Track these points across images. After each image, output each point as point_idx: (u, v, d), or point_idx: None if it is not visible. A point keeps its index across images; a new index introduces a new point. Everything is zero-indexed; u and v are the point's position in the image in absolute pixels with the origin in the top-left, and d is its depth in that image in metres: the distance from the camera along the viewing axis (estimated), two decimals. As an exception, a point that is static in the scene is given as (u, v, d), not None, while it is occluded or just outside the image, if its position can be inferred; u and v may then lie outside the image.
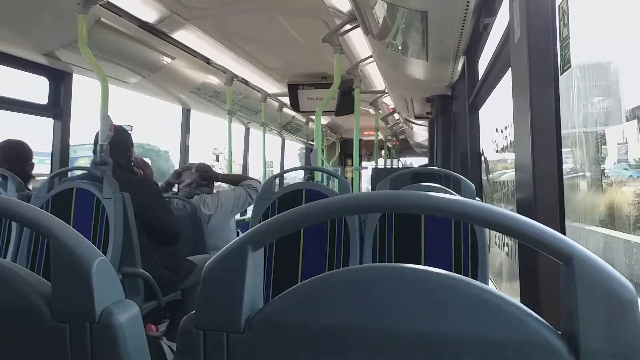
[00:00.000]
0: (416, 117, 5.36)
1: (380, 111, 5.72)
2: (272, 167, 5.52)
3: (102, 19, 2.55)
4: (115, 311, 0.54)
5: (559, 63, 1.08)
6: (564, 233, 1.07)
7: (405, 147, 9.48)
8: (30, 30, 2.42)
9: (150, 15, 2.77)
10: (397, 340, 0.46)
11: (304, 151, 7.02)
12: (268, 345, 0.49)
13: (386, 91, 4.66)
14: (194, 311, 0.52)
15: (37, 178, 2.63)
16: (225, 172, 4.11)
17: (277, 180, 2.76)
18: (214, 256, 0.52)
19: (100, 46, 2.61)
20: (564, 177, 1.08)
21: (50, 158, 2.98)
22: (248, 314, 0.50)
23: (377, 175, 4.55)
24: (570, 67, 1.03)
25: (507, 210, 0.47)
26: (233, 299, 0.50)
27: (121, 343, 0.53)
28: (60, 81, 2.92)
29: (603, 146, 1.27)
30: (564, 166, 1.09)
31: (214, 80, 3.97)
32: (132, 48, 2.90)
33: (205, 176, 3.17)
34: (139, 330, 0.56)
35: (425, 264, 0.49)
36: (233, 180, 3.37)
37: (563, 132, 1.09)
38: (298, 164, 7.08)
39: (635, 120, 1.12)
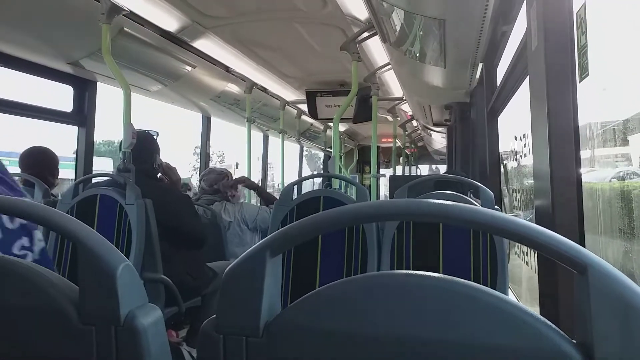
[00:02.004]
0: (434, 124, 5.34)
1: (399, 118, 5.71)
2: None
3: (125, 29, 2.61)
4: (139, 315, 0.55)
5: (577, 71, 1.08)
6: (583, 241, 1.06)
7: (424, 154, 9.43)
8: (56, 40, 2.50)
9: (171, 24, 2.82)
10: (415, 347, 0.47)
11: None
12: (286, 350, 0.50)
13: (404, 98, 4.66)
14: (214, 315, 0.53)
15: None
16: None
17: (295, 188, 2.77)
18: (234, 261, 0.53)
19: (123, 55, 2.67)
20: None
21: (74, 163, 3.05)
22: (266, 319, 0.51)
23: (395, 183, 4.54)
24: (588, 75, 1.02)
25: (522, 220, 0.47)
26: (252, 303, 0.51)
27: (145, 346, 0.54)
28: (84, 89, 3.00)
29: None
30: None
31: (233, 88, 4.02)
32: (154, 57, 2.96)
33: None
34: (161, 334, 0.57)
35: (443, 273, 0.50)
36: (267, 198, 3.37)
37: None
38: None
39: None
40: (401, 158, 7.60)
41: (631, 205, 1.12)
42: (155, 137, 2.39)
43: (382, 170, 7.53)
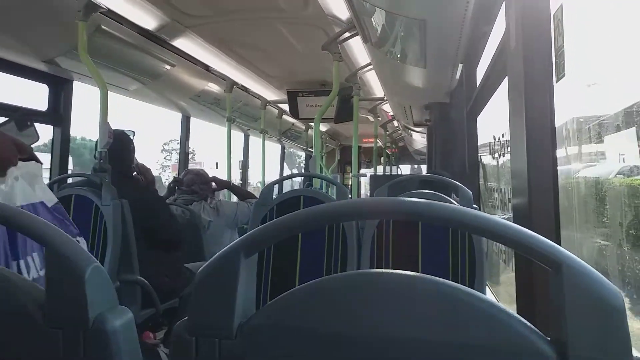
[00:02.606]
0: (415, 125, 5.36)
1: (380, 118, 5.73)
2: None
3: (103, 27, 2.56)
4: (109, 317, 0.54)
5: (554, 71, 1.09)
6: (559, 239, 1.07)
7: (405, 154, 9.49)
8: (31, 38, 2.44)
9: (150, 22, 2.78)
10: (389, 347, 0.46)
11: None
12: (260, 352, 0.49)
13: (385, 98, 4.68)
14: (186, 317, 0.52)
15: None
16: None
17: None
18: (206, 263, 0.52)
19: (100, 53, 2.62)
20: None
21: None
22: (240, 320, 0.50)
23: (376, 182, 4.55)
24: (564, 75, 1.04)
25: (497, 217, 0.47)
26: (225, 305, 0.50)
27: (114, 350, 0.53)
28: (60, 88, 2.93)
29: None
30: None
31: (213, 87, 3.98)
32: (132, 55, 2.92)
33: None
34: (132, 336, 0.56)
35: (422, 271, 0.50)
36: (240, 193, 3.40)
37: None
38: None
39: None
40: (382, 158, 7.64)
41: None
42: (131, 136, 2.36)
43: (363, 170, 7.55)
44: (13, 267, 1.03)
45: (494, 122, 2.36)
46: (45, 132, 2.94)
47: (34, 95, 2.93)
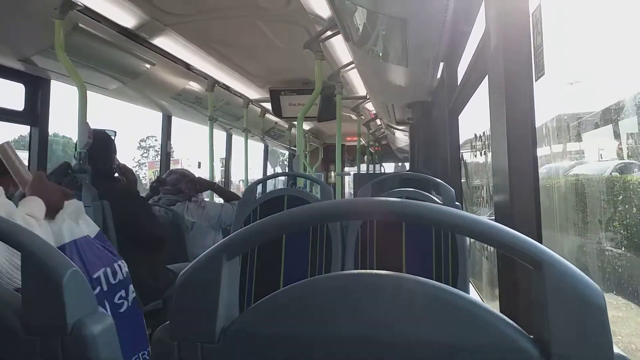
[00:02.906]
0: (397, 123, 5.39)
1: (363, 117, 5.75)
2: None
3: (80, 25, 2.51)
4: (88, 323, 0.53)
5: (533, 70, 1.10)
6: (540, 238, 1.09)
7: (387, 152, 9.53)
8: (6, 36, 2.38)
9: (129, 21, 2.74)
10: (373, 347, 0.46)
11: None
12: (243, 356, 0.49)
13: (368, 97, 4.69)
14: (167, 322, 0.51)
15: None
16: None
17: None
18: (188, 265, 0.51)
19: (78, 52, 2.57)
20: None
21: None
22: (223, 324, 0.49)
23: (360, 181, 4.56)
24: (544, 74, 1.05)
25: (478, 216, 0.47)
26: (207, 309, 0.49)
27: (93, 356, 0.52)
28: (37, 88, 2.87)
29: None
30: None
31: (195, 86, 3.95)
32: (111, 54, 2.87)
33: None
34: (112, 342, 0.55)
35: (406, 270, 0.50)
36: (224, 194, 3.38)
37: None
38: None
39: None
40: (365, 156, 7.66)
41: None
42: (112, 137, 2.32)
43: (347, 169, 7.57)
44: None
45: (476, 119, 2.39)
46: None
47: (9, 94, 2.87)
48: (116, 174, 2.31)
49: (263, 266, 1.88)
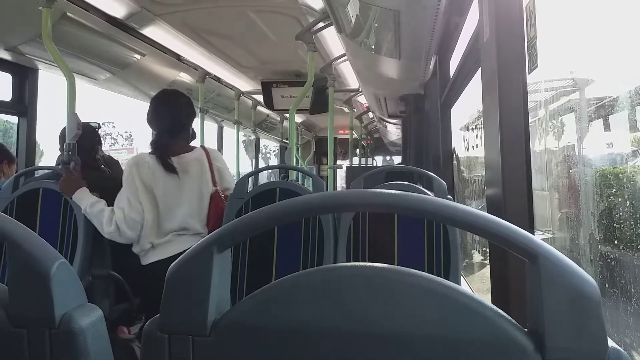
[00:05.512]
0: (390, 116, 5.39)
1: (355, 110, 5.74)
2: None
3: (68, 14, 2.47)
4: (76, 316, 0.52)
5: (527, 62, 1.10)
6: (532, 230, 1.09)
7: (380, 145, 9.55)
8: (-8, 25, 2.34)
9: (118, 10, 2.70)
10: (365, 340, 0.46)
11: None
12: (235, 349, 0.48)
13: (360, 90, 4.67)
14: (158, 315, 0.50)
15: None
16: None
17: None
18: (178, 258, 0.50)
19: (66, 42, 2.54)
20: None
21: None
22: (214, 317, 0.49)
23: (352, 174, 4.56)
24: (537, 66, 1.04)
25: (473, 209, 0.47)
26: (198, 301, 0.48)
27: (82, 349, 0.51)
28: (24, 77, 2.83)
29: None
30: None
31: (185, 77, 3.91)
32: (100, 44, 2.83)
33: None
34: (102, 335, 0.54)
35: (398, 263, 0.49)
36: None
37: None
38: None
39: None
40: (358, 149, 7.66)
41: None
42: (96, 128, 2.30)
43: (339, 162, 7.57)
44: None
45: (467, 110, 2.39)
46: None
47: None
48: (102, 166, 2.30)
49: (255, 259, 1.87)
